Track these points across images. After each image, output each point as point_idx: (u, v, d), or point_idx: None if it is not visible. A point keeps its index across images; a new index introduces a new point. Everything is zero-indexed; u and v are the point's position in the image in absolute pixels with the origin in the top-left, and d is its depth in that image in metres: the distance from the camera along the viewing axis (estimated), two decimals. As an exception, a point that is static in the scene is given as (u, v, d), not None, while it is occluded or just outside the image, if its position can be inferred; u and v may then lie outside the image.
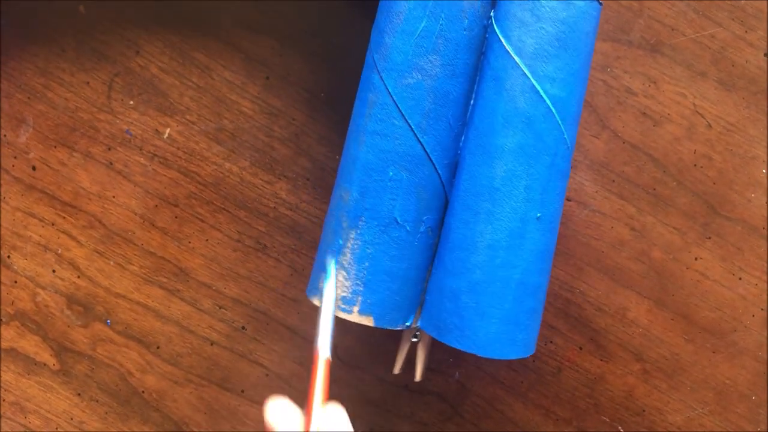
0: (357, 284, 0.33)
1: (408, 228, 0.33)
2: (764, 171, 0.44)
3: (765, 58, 0.43)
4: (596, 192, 0.44)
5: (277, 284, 0.44)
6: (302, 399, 0.45)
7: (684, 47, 0.43)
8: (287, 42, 0.43)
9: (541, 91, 0.30)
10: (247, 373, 0.45)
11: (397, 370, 0.38)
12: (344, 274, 0.33)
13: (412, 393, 0.45)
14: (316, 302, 0.34)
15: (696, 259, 0.44)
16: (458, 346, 0.32)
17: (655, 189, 0.44)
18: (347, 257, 0.33)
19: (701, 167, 0.44)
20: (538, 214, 0.31)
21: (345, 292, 0.33)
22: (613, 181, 0.44)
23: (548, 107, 0.31)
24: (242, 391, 0.45)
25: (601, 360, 0.45)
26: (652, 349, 0.44)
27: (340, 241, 0.33)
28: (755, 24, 0.43)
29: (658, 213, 0.44)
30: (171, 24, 0.43)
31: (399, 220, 0.33)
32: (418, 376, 0.37)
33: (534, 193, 0.31)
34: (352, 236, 0.33)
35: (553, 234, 0.33)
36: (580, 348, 0.44)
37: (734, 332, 0.44)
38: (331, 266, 0.33)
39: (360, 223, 0.33)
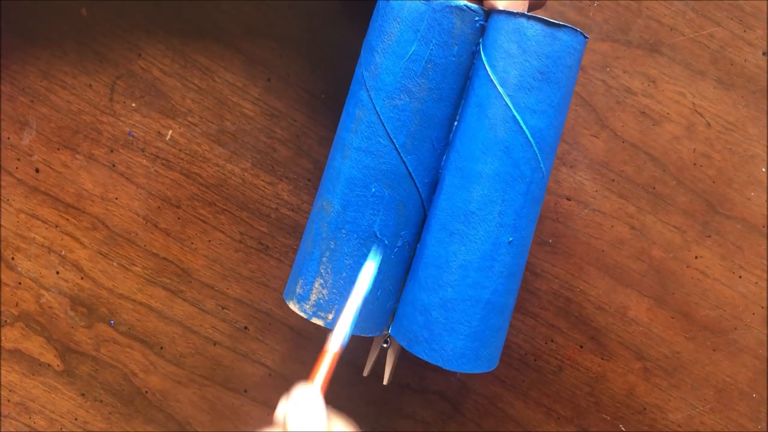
0: (334, 293, 0.34)
1: (386, 242, 0.34)
2: (764, 169, 0.44)
3: (764, 57, 0.43)
4: (596, 191, 0.44)
5: (278, 284, 0.45)
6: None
7: (683, 47, 0.43)
8: (288, 44, 0.43)
9: (521, 122, 0.31)
10: (250, 372, 0.45)
11: (366, 372, 0.39)
12: (321, 281, 0.34)
13: (413, 392, 0.45)
14: (292, 306, 0.35)
15: (696, 257, 0.44)
16: (426, 358, 0.33)
17: (654, 188, 0.44)
18: (326, 266, 0.34)
19: (701, 166, 0.44)
20: (510, 239, 0.32)
21: (322, 299, 0.34)
22: (613, 180, 0.44)
23: (527, 137, 0.32)
24: (245, 391, 0.45)
25: (602, 358, 0.45)
26: (652, 348, 0.45)
27: (320, 250, 0.34)
28: (754, 23, 0.43)
29: (658, 212, 0.44)
30: (172, 27, 0.43)
31: (378, 234, 0.34)
32: (385, 380, 0.38)
33: (507, 219, 0.32)
34: (331, 246, 0.34)
35: (523, 256, 0.34)
36: (581, 347, 0.45)
37: (734, 330, 0.44)
38: (375, 259, 0.33)
39: (340, 234, 0.33)
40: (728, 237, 0.44)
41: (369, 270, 0.33)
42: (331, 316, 0.34)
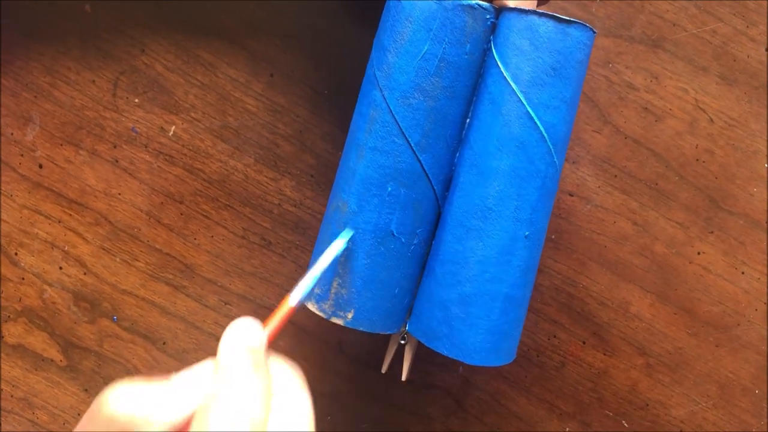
0: (352, 292, 0.34)
1: (403, 240, 0.34)
2: (766, 165, 0.44)
3: (766, 53, 0.43)
4: (599, 187, 0.44)
5: (281, 280, 0.45)
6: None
7: (685, 42, 0.43)
8: (291, 40, 0.43)
9: (536, 119, 0.32)
10: (253, 368, 0.45)
11: (384, 369, 0.39)
12: (339, 281, 0.34)
13: (416, 388, 0.45)
14: (310, 306, 0.35)
15: (699, 253, 0.44)
16: (446, 353, 0.33)
17: (657, 184, 0.44)
18: (344, 266, 0.34)
19: (703, 162, 0.44)
20: (527, 233, 0.33)
21: (341, 299, 0.34)
22: (616, 176, 0.44)
23: (541, 133, 0.32)
24: (248, 387, 0.45)
25: (605, 354, 0.45)
26: (655, 344, 0.45)
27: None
28: (756, 19, 0.43)
29: (660, 207, 0.44)
30: (176, 23, 0.43)
31: (395, 232, 0.34)
32: (404, 376, 0.38)
33: (523, 214, 0.32)
34: (349, 246, 0.34)
35: (539, 250, 0.34)
36: (584, 342, 0.45)
37: (737, 326, 0.44)
38: (347, 236, 0.33)
39: (357, 234, 0.33)
40: (731, 233, 0.44)
41: (340, 243, 0.32)
42: (350, 315, 0.34)
